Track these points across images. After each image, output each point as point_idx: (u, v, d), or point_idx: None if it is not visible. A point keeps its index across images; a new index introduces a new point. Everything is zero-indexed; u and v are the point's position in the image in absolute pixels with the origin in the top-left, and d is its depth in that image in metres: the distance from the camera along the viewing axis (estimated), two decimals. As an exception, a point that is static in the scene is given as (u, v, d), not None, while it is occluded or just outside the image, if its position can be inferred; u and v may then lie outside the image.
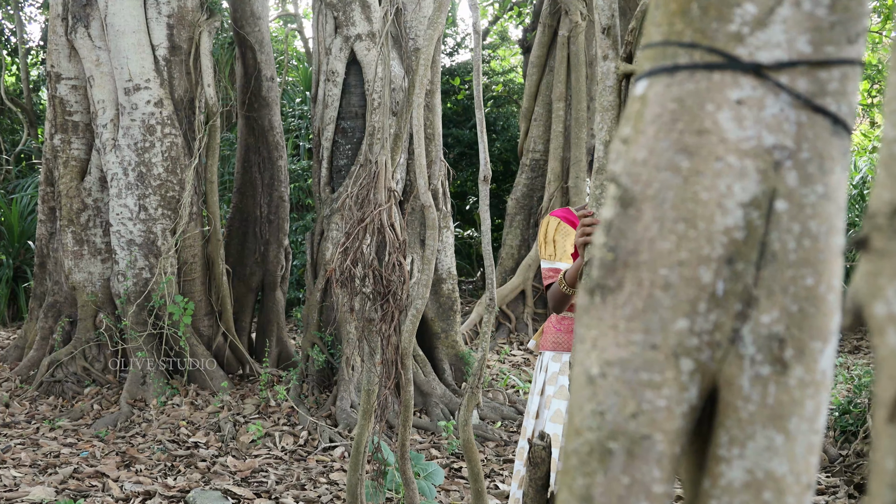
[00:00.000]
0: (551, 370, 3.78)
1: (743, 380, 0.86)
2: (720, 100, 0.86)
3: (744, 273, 0.86)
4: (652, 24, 0.91)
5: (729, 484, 0.85)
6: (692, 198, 0.86)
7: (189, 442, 6.60)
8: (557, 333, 3.80)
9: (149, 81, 7.79)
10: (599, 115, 2.95)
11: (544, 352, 3.86)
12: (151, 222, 7.81)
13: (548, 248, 3.71)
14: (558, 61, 11.55)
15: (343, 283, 4.11)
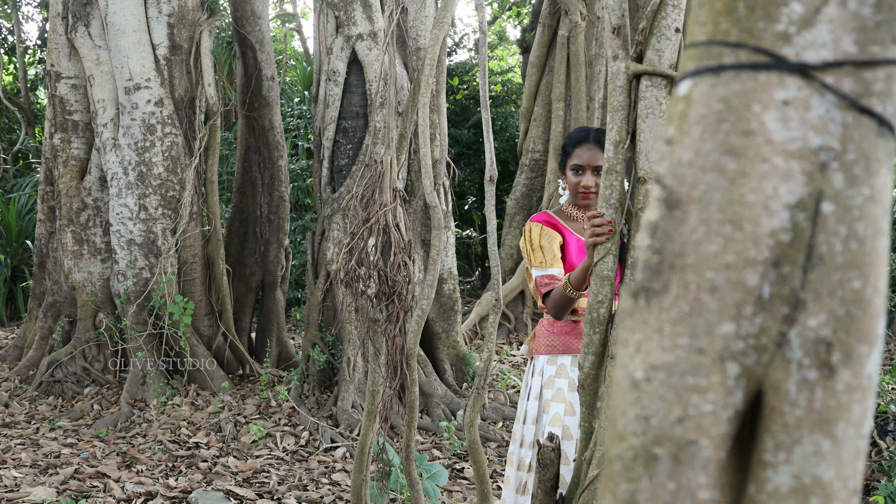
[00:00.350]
0: (547, 374, 3.72)
1: (789, 384, 0.84)
2: (766, 100, 0.85)
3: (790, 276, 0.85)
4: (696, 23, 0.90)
5: (776, 489, 0.84)
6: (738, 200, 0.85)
7: (190, 442, 6.58)
8: (551, 337, 3.74)
9: (149, 81, 7.77)
10: (610, 115, 2.94)
11: (538, 356, 3.79)
12: (151, 222, 7.79)
13: (537, 256, 3.64)
14: (558, 61, 11.53)
15: (348, 284, 4.10)
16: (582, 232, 3.71)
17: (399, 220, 4.10)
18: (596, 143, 3.70)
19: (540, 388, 3.72)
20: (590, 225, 2.97)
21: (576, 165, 3.69)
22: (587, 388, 2.97)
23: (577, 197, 3.71)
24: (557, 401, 3.63)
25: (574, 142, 3.71)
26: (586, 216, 2.97)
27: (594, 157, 3.66)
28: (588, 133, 3.73)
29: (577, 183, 3.69)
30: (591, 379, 2.96)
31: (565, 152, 3.75)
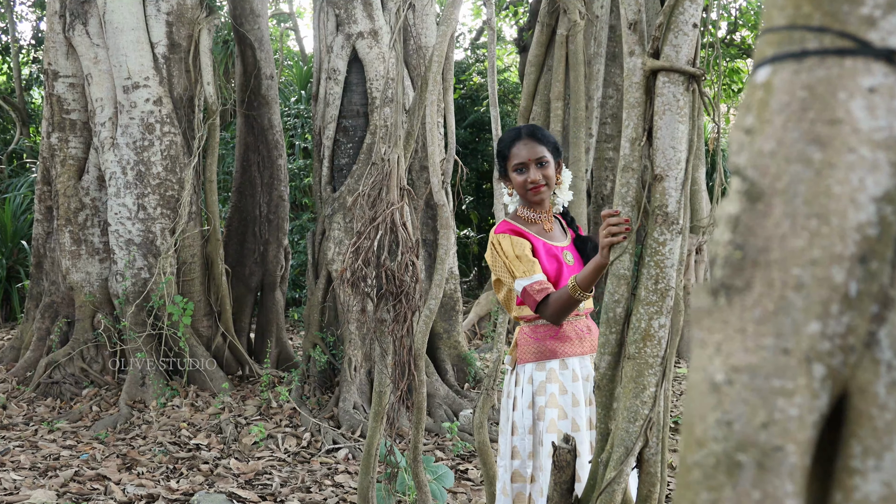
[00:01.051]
0: (537, 381, 3.60)
1: (878, 386, 0.80)
2: (852, 87, 0.81)
3: (878, 272, 0.81)
4: (774, 7, 0.86)
5: (865, 497, 0.79)
6: (825, 192, 0.80)
7: (190, 444, 6.53)
8: (536, 343, 3.62)
9: (148, 79, 7.71)
10: (626, 111, 2.89)
11: (524, 364, 3.65)
12: (150, 222, 7.73)
13: (518, 266, 3.49)
14: (557, 60, 11.47)
15: (354, 284, 4.05)
16: (542, 233, 3.65)
17: (406, 219, 4.05)
18: (530, 137, 3.62)
19: (531, 396, 3.60)
20: (605, 224, 2.92)
21: (518, 164, 3.58)
22: (603, 388, 2.93)
23: (529, 194, 3.60)
24: (551, 406, 3.55)
25: (508, 143, 3.63)
26: (601, 215, 2.92)
27: (533, 151, 3.58)
28: (519, 131, 3.65)
29: (524, 180, 3.58)
30: (608, 380, 2.92)
31: (502, 157, 3.65)
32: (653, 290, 2.81)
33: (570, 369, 3.62)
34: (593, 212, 11.27)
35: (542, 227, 3.67)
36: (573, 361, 3.63)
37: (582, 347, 3.67)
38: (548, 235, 3.68)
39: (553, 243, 3.66)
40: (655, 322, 2.81)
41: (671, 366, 2.83)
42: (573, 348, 3.64)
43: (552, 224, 3.73)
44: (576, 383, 3.61)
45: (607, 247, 2.93)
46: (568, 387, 3.60)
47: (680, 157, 2.82)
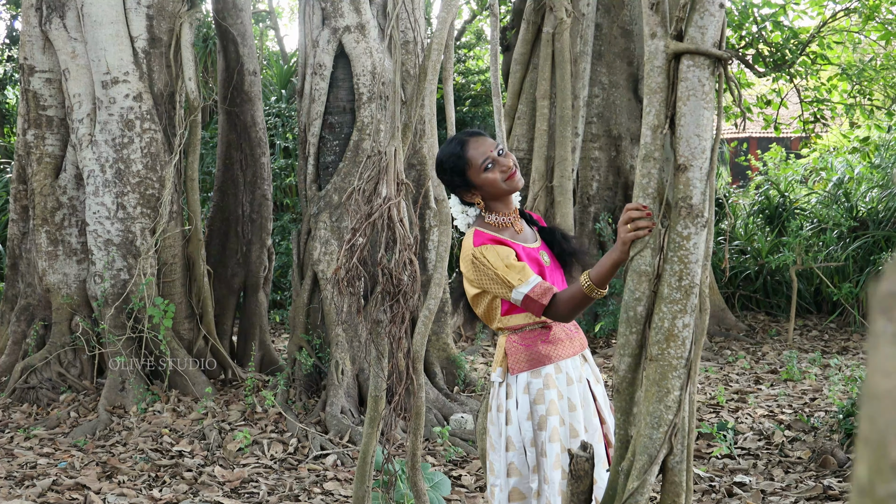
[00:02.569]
0: (535, 389, 3.37)
1: None
2: None
3: None
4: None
5: None
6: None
7: (173, 451, 6.31)
8: (528, 350, 3.39)
9: (127, 74, 7.49)
10: (647, 97, 2.71)
11: (518, 374, 3.40)
12: (130, 221, 7.51)
13: (512, 274, 3.25)
14: (542, 58, 11.30)
15: (349, 283, 3.85)
16: (516, 237, 3.45)
17: (403, 215, 3.86)
18: (475, 136, 3.44)
19: (528, 406, 3.37)
20: (627, 217, 2.74)
21: (484, 162, 3.35)
22: (623, 392, 2.74)
23: (508, 183, 3.38)
24: (552, 414, 3.33)
25: (459, 152, 3.40)
26: (625, 209, 2.74)
27: (488, 144, 3.40)
28: (461, 140, 3.44)
29: (499, 173, 3.36)
30: (628, 383, 2.74)
31: (459, 170, 3.40)
32: (676, 287, 2.63)
33: (565, 372, 3.43)
34: (578, 212, 11.11)
35: (513, 231, 3.47)
36: (566, 364, 3.45)
37: (573, 347, 3.49)
38: (521, 238, 3.49)
39: (529, 245, 3.48)
40: (679, 321, 2.63)
41: (696, 368, 2.65)
42: (565, 350, 3.45)
43: (521, 224, 3.54)
44: (570, 387, 3.43)
45: (629, 242, 2.75)
46: (564, 391, 3.40)
47: (705, 146, 2.64)
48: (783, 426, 6.89)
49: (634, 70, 11.25)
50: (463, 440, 6.56)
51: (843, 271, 11.31)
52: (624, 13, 11.19)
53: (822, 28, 14.27)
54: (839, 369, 8.79)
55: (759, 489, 5.62)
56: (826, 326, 11.13)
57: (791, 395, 7.96)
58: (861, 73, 14.93)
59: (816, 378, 8.56)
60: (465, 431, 6.69)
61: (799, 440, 6.60)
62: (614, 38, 11.38)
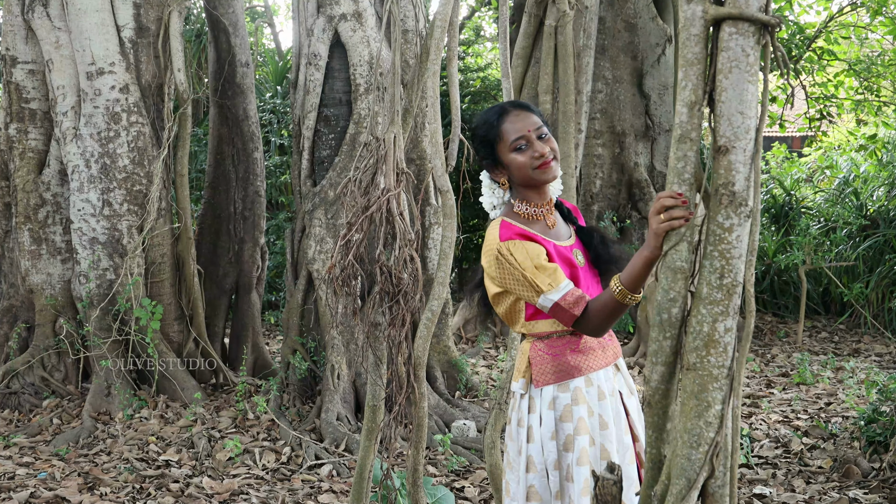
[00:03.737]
0: (562, 404, 3.00)
1: None
2: None
3: None
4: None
5: None
6: None
7: (159, 460, 5.97)
8: (555, 360, 3.03)
9: (113, 65, 7.16)
10: (682, 70, 2.38)
11: (544, 387, 3.02)
12: (116, 219, 7.18)
13: (542, 278, 2.90)
14: (545, 52, 10.94)
15: (344, 283, 3.52)
16: (547, 232, 3.07)
17: (403, 208, 3.54)
18: (520, 108, 3.04)
19: (553, 423, 3.00)
20: (659, 205, 2.41)
21: (517, 140, 2.98)
22: (655, 405, 2.41)
23: (536, 173, 2.98)
24: (581, 433, 2.95)
25: (495, 121, 3.04)
26: (657, 197, 2.40)
27: (530, 121, 3.00)
28: (503, 107, 3.06)
29: (530, 157, 2.98)
30: (661, 395, 2.41)
31: (488, 141, 3.06)
32: (717, 286, 2.30)
33: (596, 386, 3.05)
34: (581, 211, 10.80)
35: (545, 224, 3.09)
36: (598, 376, 3.06)
37: (606, 357, 3.11)
38: (553, 234, 3.10)
39: (561, 243, 3.09)
40: (721, 325, 2.30)
41: (740, 378, 2.32)
42: (597, 360, 3.07)
43: (555, 218, 3.14)
44: (602, 402, 3.04)
45: (662, 234, 2.42)
46: (594, 407, 3.02)
47: (749, 125, 2.31)
48: (800, 433, 6.57)
49: (639, 65, 10.93)
50: (465, 448, 6.23)
51: (853, 271, 11.00)
52: (628, 6, 10.88)
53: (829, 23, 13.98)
54: (853, 372, 8.47)
55: (780, 502, 5.30)
56: (836, 328, 10.82)
57: (805, 399, 7.65)
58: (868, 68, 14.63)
59: (830, 381, 8.24)
60: (467, 439, 6.36)
61: (818, 448, 6.29)
62: (618, 32, 11.07)
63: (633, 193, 10.67)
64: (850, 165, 13.66)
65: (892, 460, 5.83)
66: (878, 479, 5.65)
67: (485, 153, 3.09)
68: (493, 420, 3.54)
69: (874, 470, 5.79)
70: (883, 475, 5.68)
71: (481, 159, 3.11)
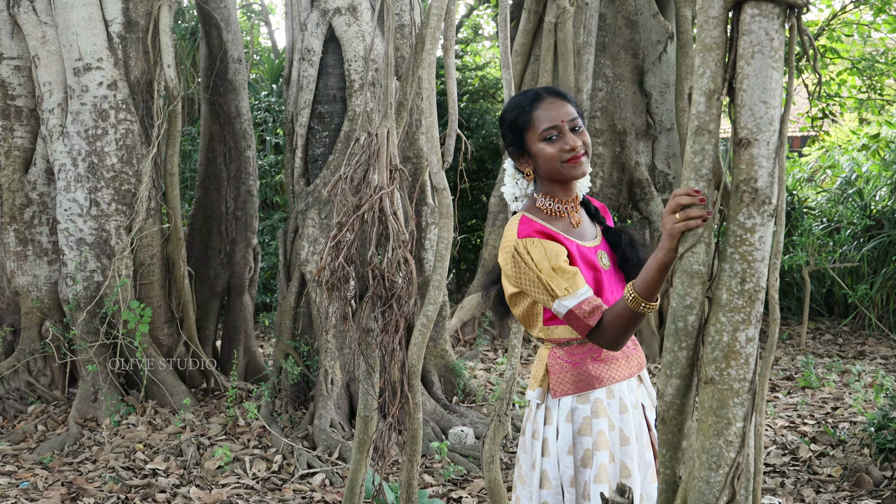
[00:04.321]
0: (581, 416, 2.79)
1: None
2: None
3: None
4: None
5: None
6: None
7: (146, 469, 5.76)
8: (574, 368, 2.82)
9: (101, 61, 6.96)
10: (700, 56, 2.18)
11: (562, 398, 2.83)
12: (104, 219, 6.97)
13: (558, 283, 2.69)
14: (544, 49, 10.79)
15: (334, 286, 3.32)
16: (570, 230, 2.85)
17: (397, 207, 3.33)
18: (555, 96, 2.83)
19: (571, 437, 2.79)
20: (675, 204, 2.20)
21: (548, 130, 2.77)
22: (669, 422, 2.21)
23: (565, 167, 2.79)
24: (601, 448, 2.75)
25: (527, 107, 2.83)
26: (672, 195, 2.20)
27: (564, 111, 2.80)
28: (537, 92, 2.84)
29: (560, 150, 2.77)
30: (676, 411, 2.20)
31: (517, 128, 2.84)
32: (738, 291, 2.10)
33: (618, 398, 2.83)
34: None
35: (569, 222, 2.87)
36: (621, 387, 2.85)
37: (629, 368, 2.89)
38: (577, 233, 2.88)
39: (585, 244, 2.87)
40: (742, 334, 2.10)
41: (764, 393, 2.12)
42: (620, 370, 2.85)
43: (580, 217, 2.93)
44: (624, 415, 2.82)
45: (677, 236, 2.22)
46: (615, 421, 2.81)
47: (773, 116, 2.11)
48: (808, 439, 6.38)
49: (640, 62, 10.75)
50: (463, 456, 6.03)
51: (857, 272, 10.81)
52: (629, 3, 10.70)
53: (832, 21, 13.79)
54: (859, 376, 8.28)
55: (790, 513, 5.10)
56: (840, 330, 10.63)
57: (811, 404, 7.45)
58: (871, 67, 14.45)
59: (836, 385, 8.05)
60: (465, 446, 6.15)
61: (827, 455, 6.10)
62: (619, 29, 10.88)
63: (633, 193, 10.49)
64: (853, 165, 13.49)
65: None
66: (890, 489, 5.46)
67: (512, 139, 2.88)
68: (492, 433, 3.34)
69: (886, 479, 5.60)
70: (895, 484, 5.49)
71: (507, 145, 2.90)
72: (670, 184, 10.86)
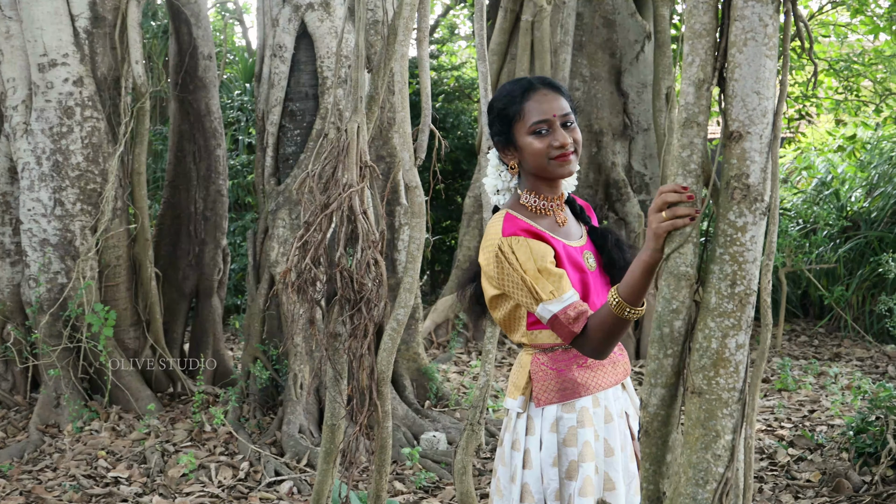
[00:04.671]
0: (566, 426, 2.63)
1: None
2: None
3: None
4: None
5: None
6: None
7: (108, 477, 5.58)
8: (560, 376, 2.66)
9: (67, 56, 6.78)
10: (688, 44, 2.04)
11: (545, 407, 2.67)
12: (69, 219, 6.79)
13: (544, 285, 2.53)
14: (521, 48, 10.68)
15: (301, 288, 3.17)
16: (556, 229, 2.70)
17: (367, 206, 3.18)
18: (549, 88, 2.67)
19: (556, 447, 2.63)
20: (661, 201, 2.06)
21: (538, 124, 2.61)
22: (653, 434, 2.07)
23: (553, 164, 2.63)
24: (587, 459, 2.57)
25: (519, 97, 2.66)
26: (658, 192, 2.06)
27: (558, 105, 2.64)
28: (530, 81, 2.68)
29: (548, 145, 2.61)
30: (660, 422, 2.07)
31: (506, 118, 2.68)
32: (728, 295, 1.97)
33: (603, 406, 2.67)
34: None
35: (554, 221, 2.71)
36: (606, 395, 2.69)
37: (616, 374, 2.73)
38: (563, 232, 2.72)
39: (571, 243, 2.71)
40: (732, 340, 1.96)
41: (755, 403, 1.98)
42: (606, 378, 2.69)
43: (566, 215, 2.78)
44: (609, 424, 2.66)
45: (663, 235, 2.08)
46: (601, 431, 2.65)
47: (766, 107, 1.98)
48: (785, 443, 6.28)
49: (617, 62, 10.65)
50: (435, 462, 5.88)
51: (833, 273, 10.75)
52: (606, 2, 10.60)
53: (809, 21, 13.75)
54: (835, 378, 8.19)
55: (770, 520, 4.99)
56: (815, 331, 10.56)
57: (788, 406, 7.36)
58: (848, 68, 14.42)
59: (812, 387, 7.96)
60: (437, 452, 6.00)
61: (805, 459, 5.99)
62: (596, 29, 10.78)
63: (610, 194, 10.38)
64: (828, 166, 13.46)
65: (884, 473, 5.54)
66: (869, 494, 5.36)
67: (499, 129, 2.72)
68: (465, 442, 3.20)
69: (865, 484, 5.49)
70: (875, 489, 5.38)
71: (493, 135, 2.74)
72: (647, 184, 10.77)
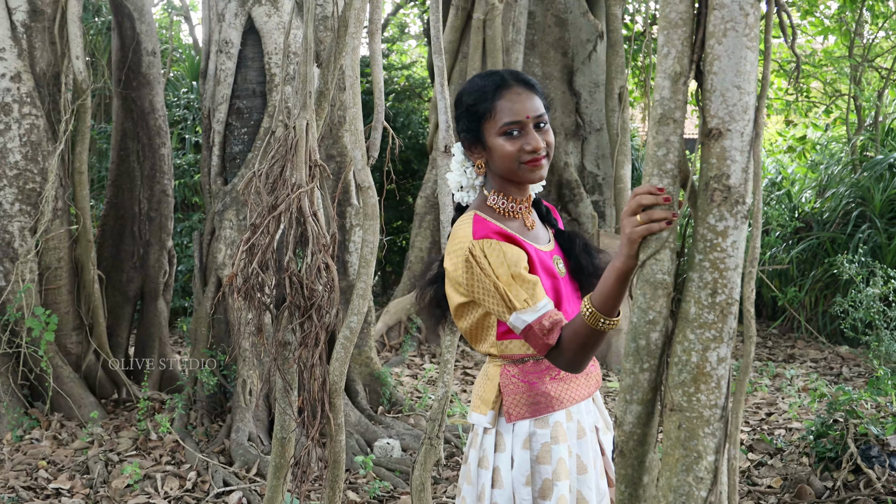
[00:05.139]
0: (539, 442, 2.47)
1: None
2: None
3: None
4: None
5: None
6: None
7: (49, 489, 5.35)
8: (532, 389, 2.50)
9: (4, 51, 6.54)
10: (663, 34, 1.91)
11: (517, 422, 2.50)
12: (7, 220, 6.54)
13: (518, 292, 2.37)
14: (473, 47, 10.55)
15: (248, 294, 3.00)
16: (525, 233, 2.53)
17: (318, 207, 3.02)
18: (524, 85, 2.49)
19: (529, 465, 2.46)
20: (635, 204, 1.92)
21: (510, 124, 2.44)
22: (629, 454, 1.93)
23: (523, 169, 2.46)
24: (561, 478, 2.43)
25: (491, 93, 2.48)
26: (633, 194, 1.91)
27: (532, 105, 2.47)
28: (503, 77, 2.50)
29: (520, 149, 2.44)
30: (636, 441, 1.92)
31: (476, 114, 2.50)
32: (708, 304, 1.83)
33: (576, 420, 2.53)
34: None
35: (523, 224, 2.56)
36: (579, 409, 2.55)
37: (588, 387, 2.59)
38: (532, 236, 2.57)
39: (541, 247, 2.56)
40: (713, 354, 1.83)
41: (738, 421, 1.85)
42: (580, 390, 2.55)
43: (533, 218, 2.62)
44: (582, 440, 2.52)
45: (637, 240, 1.93)
46: (573, 447, 2.50)
47: (747, 102, 1.84)
48: (744, 447, 6.19)
49: (569, 61, 10.56)
50: (389, 470, 5.72)
51: (785, 274, 10.74)
52: (558, 1, 10.50)
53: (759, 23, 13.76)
54: (791, 380, 8.15)
55: (732, 528, 4.87)
56: (769, 333, 10.55)
57: (745, 409, 7.28)
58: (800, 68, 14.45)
59: (769, 390, 7.91)
60: (391, 460, 5.84)
61: (765, 465, 5.91)
62: (548, 27, 10.68)
63: (563, 195, 10.29)
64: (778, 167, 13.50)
65: (845, 478, 5.47)
66: (832, 500, 5.28)
67: (467, 126, 2.54)
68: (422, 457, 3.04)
69: (827, 489, 5.41)
70: (837, 495, 5.30)
71: (460, 130, 2.56)
72: (599, 185, 10.69)
